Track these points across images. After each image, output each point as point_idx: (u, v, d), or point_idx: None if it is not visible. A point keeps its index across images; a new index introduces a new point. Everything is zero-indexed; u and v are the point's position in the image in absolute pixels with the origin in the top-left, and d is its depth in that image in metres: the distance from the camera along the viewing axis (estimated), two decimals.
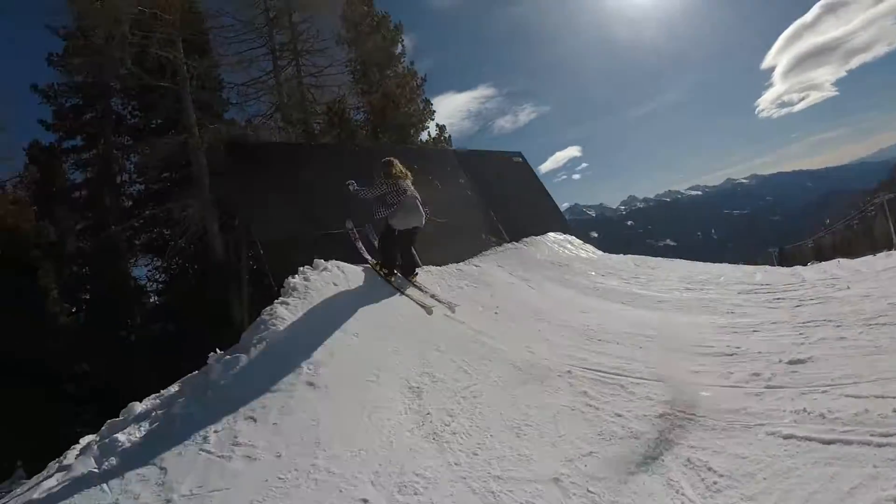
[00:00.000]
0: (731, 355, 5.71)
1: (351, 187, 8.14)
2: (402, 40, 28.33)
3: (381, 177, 8.17)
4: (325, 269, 7.67)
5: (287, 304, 6.67)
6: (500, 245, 11.71)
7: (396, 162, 8.38)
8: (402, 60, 27.91)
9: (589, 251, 12.81)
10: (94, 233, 24.92)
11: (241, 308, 21.10)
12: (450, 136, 28.17)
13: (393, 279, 8.14)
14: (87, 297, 25.33)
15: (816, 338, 5.67)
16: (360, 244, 8.76)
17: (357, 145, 11.01)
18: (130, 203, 25.59)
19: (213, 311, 21.63)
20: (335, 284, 7.41)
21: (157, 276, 25.95)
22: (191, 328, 22.46)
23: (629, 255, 12.74)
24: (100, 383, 22.82)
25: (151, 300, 25.70)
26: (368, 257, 8.58)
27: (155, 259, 25.48)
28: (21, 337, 20.82)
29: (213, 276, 21.73)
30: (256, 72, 24.73)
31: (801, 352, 5.34)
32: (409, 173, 8.44)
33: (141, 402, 6.21)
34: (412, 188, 8.37)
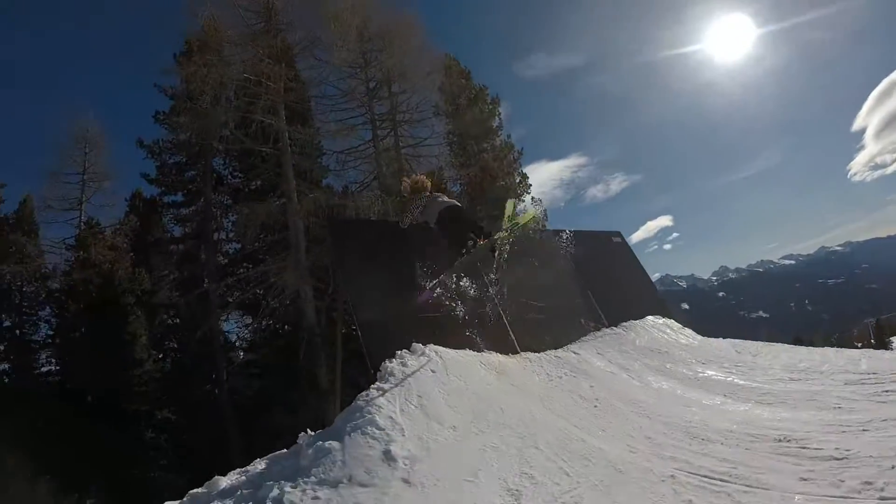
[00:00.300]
0: (841, 459, 5.26)
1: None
2: (500, 113, 28.67)
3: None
4: (424, 354, 7.58)
5: (383, 390, 6.55)
6: (598, 330, 11.43)
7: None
8: (499, 133, 28.28)
9: (688, 336, 12.40)
10: (187, 286, 25.67)
11: (334, 376, 21.31)
12: (545, 210, 28.22)
13: None
14: (175, 346, 25.94)
15: None
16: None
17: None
18: (226, 261, 26.28)
19: (300, 374, 21.86)
20: (433, 371, 7.27)
21: (246, 333, 26.44)
22: (276, 389, 22.72)
23: (729, 340, 12.32)
24: (179, 433, 23.22)
25: (239, 356, 26.10)
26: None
27: (245, 316, 26.00)
28: (107, 378, 21.47)
29: (303, 341, 21.94)
30: (355, 140, 25.59)
31: None
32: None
33: (224, 475, 6.14)
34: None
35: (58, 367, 24.29)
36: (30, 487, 19.56)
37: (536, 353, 9.33)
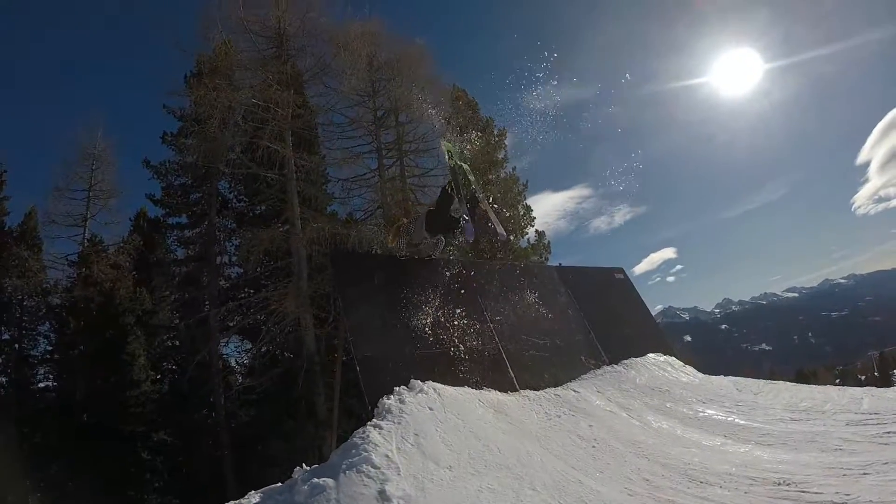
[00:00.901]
0: None
1: None
2: (506, 146, 28.75)
3: None
4: (422, 390, 7.55)
5: (380, 427, 6.50)
6: (598, 367, 11.34)
7: None
8: (504, 165, 28.27)
9: (689, 374, 12.32)
10: (188, 308, 25.69)
11: (332, 405, 21.28)
12: (549, 243, 28.27)
13: None
14: (174, 368, 25.92)
15: None
16: None
17: (461, 263, 10.99)
18: (227, 285, 26.26)
19: (298, 402, 21.81)
20: (431, 409, 7.23)
21: (245, 359, 26.40)
22: (274, 416, 22.67)
23: (730, 378, 12.24)
24: (174, 455, 23.16)
25: (237, 382, 26.04)
26: None
27: (245, 342, 25.96)
28: (105, 397, 21.49)
29: (302, 369, 21.88)
30: (361, 169, 25.67)
31: None
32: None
33: None
34: None
35: (56, 384, 24.32)
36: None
37: (535, 391, 9.27)
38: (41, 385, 24.61)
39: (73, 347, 23.43)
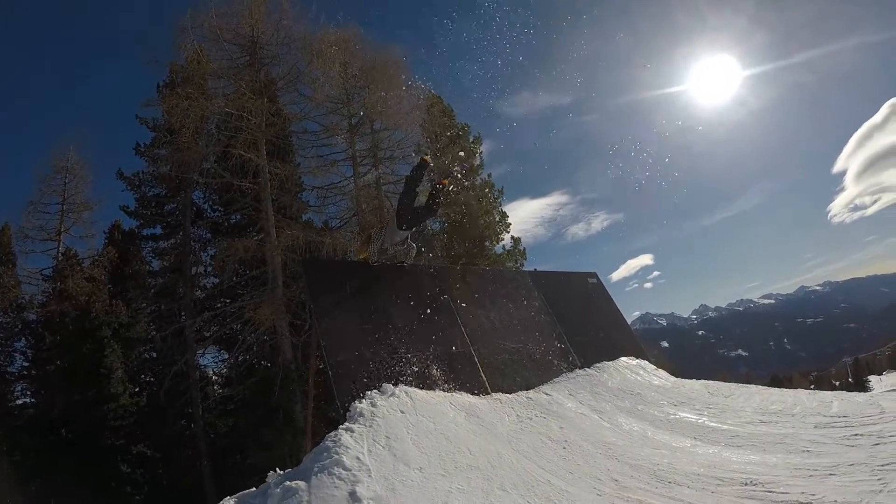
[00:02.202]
0: None
1: None
2: (481, 152, 28.92)
3: None
4: (393, 394, 7.59)
5: (352, 430, 6.54)
6: (571, 371, 11.39)
7: None
8: (479, 172, 28.42)
9: (662, 377, 12.41)
10: (164, 320, 25.58)
11: (307, 413, 21.19)
12: (524, 249, 28.45)
13: None
14: (151, 380, 25.77)
15: (895, 485, 5.38)
16: None
17: (434, 269, 11.07)
18: (203, 295, 26.18)
19: (275, 410, 21.76)
20: (402, 412, 7.25)
21: (223, 369, 26.33)
22: (252, 425, 22.59)
23: (702, 381, 12.39)
24: (154, 468, 23.02)
25: (215, 392, 25.95)
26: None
27: (222, 351, 25.90)
28: (83, 411, 21.33)
29: (280, 376, 21.84)
30: (336, 177, 25.72)
31: (878, 502, 5.08)
32: None
33: None
34: None
35: (33, 400, 24.05)
36: None
37: (507, 394, 9.30)
38: (19, 402, 24.35)
39: (50, 363, 23.16)
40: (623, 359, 12.68)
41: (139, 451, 23.00)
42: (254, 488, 6.40)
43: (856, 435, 7.42)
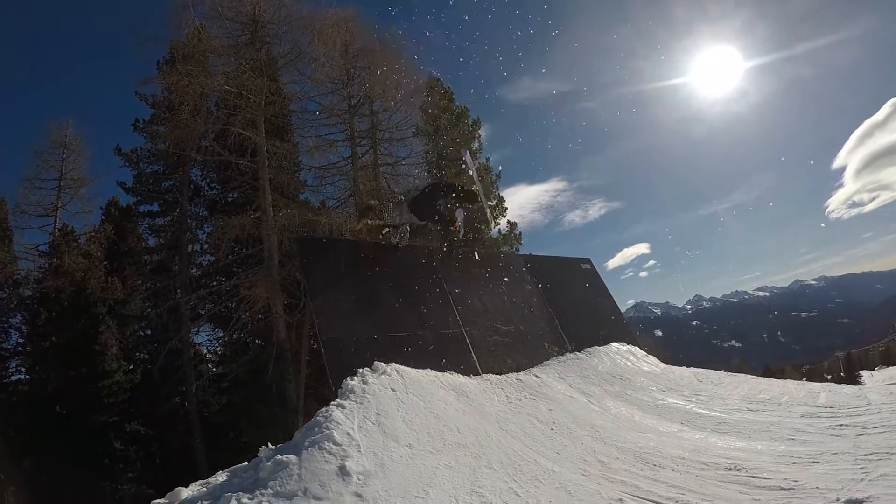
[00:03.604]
0: (788, 490, 5.42)
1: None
2: (480, 136, 28.89)
3: None
4: (385, 372, 7.64)
5: (343, 407, 6.60)
6: (562, 355, 11.48)
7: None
8: (477, 156, 28.38)
9: (652, 363, 12.55)
10: (159, 297, 25.51)
11: (299, 391, 21.22)
12: (520, 234, 28.50)
13: None
14: (146, 357, 25.75)
15: (878, 474, 5.46)
16: None
17: (428, 249, 11.12)
18: (199, 273, 26.15)
19: (269, 388, 21.79)
20: (393, 390, 7.32)
21: (217, 346, 26.34)
22: (245, 403, 22.63)
23: (692, 369, 12.53)
24: (148, 445, 23.04)
25: (209, 369, 25.98)
26: None
27: (217, 329, 25.90)
28: (77, 388, 21.33)
29: (273, 355, 21.93)
30: (334, 157, 25.68)
31: (859, 489, 5.11)
32: None
33: (186, 486, 6.19)
34: None
35: (28, 376, 24.09)
36: None
37: (498, 376, 9.38)
38: (13, 378, 24.36)
39: (45, 339, 23.15)
40: (614, 344, 12.82)
41: (133, 428, 23.02)
42: (245, 462, 6.47)
43: (841, 425, 7.54)
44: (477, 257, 11.55)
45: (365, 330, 8.70)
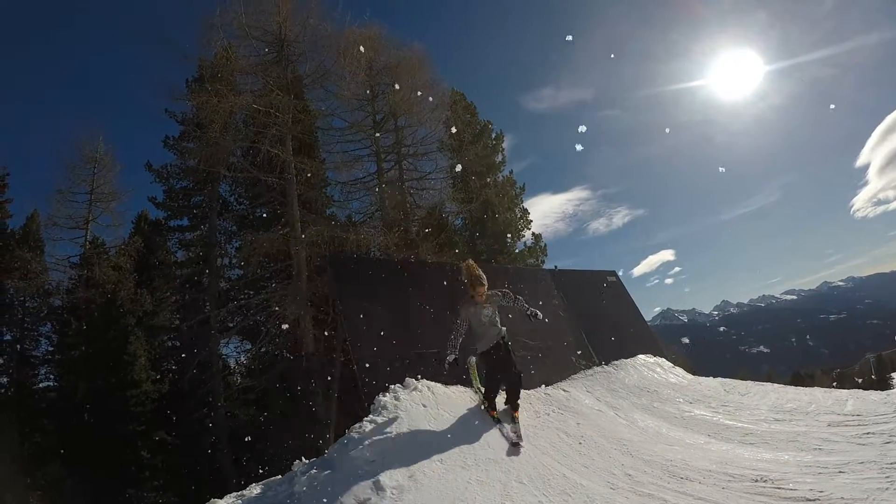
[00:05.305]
0: (813, 500, 5.47)
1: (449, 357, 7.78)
2: (504, 149, 29.02)
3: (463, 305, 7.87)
4: (416, 388, 7.79)
5: (375, 422, 6.79)
6: (589, 368, 11.60)
7: (477, 283, 7.75)
8: (501, 168, 28.56)
9: (678, 375, 12.51)
10: (188, 310, 25.84)
11: (329, 405, 21.37)
12: (545, 245, 28.55)
13: (495, 413, 7.82)
14: (174, 368, 26.06)
15: None
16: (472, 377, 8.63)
17: (457, 266, 11.19)
18: (227, 287, 26.43)
19: (298, 402, 21.94)
20: (424, 406, 7.49)
21: (245, 359, 26.58)
22: (273, 416, 22.79)
23: (719, 379, 12.46)
24: (174, 455, 23.27)
25: (237, 382, 26.23)
26: (479, 387, 8.45)
27: (244, 342, 26.14)
28: (105, 397, 21.65)
29: (302, 369, 22.17)
30: (360, 172, 25.97)
31: (884, 499, 5.16)
32: (483, 289, 7.78)
33: (221, 499, 6.36)
34: (486, 310, 7.91)
35: (56, 384, 24.47)
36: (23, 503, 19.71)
37: (526, 391, 9.39)
38: (42, 385, 24.83)
39: (75, 348, 23.62)
40: (641, 356, 12.81)
41: (160, 437, 23.30)
42: (279, 476, 6.63)
43: (868, 433, 7.50)
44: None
45: (396, 347, 8.83)
